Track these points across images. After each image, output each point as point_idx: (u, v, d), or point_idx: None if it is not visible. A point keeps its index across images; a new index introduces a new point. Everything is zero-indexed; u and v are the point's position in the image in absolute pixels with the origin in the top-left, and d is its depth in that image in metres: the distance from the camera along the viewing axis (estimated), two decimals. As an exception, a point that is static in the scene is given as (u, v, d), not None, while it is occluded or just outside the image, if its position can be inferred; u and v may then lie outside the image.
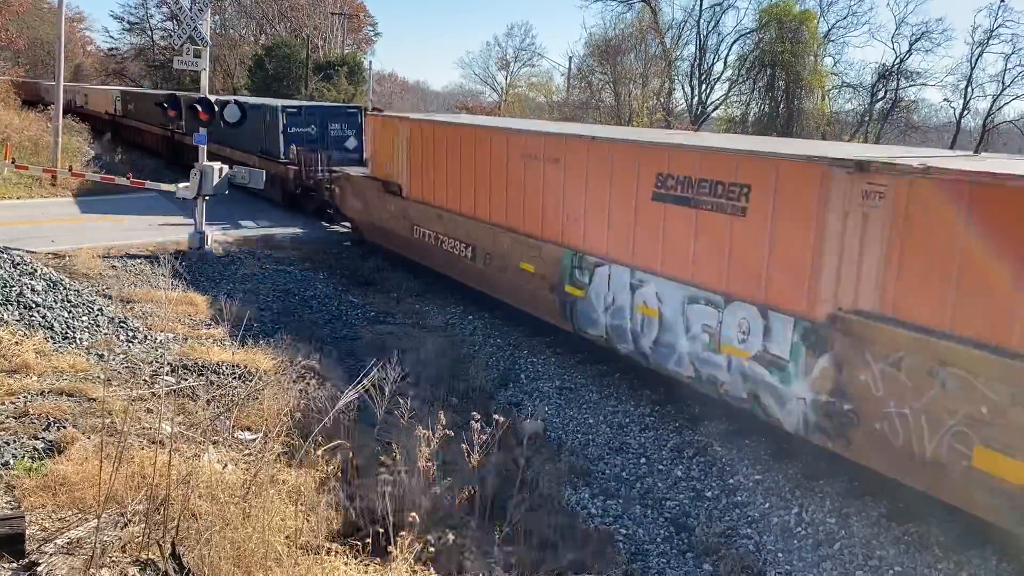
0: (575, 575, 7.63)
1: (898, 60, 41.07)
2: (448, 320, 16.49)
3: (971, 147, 39.88)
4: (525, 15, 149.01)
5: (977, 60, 39.85)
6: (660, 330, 11.41)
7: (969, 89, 40.24)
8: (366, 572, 5.93)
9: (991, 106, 40.00)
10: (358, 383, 8.40)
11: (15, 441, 7.73)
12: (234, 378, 10.64)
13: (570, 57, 65.06)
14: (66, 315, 11.72)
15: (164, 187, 20.62)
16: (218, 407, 9.24)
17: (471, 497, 7.51)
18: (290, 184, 25.23)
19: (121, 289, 15.24)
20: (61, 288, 12.62)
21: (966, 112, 41.18)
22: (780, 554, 8.72)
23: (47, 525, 6.18)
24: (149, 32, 73.75)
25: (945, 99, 51.45)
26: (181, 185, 19.56)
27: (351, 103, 40.62)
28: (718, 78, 44.42)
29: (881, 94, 41.57)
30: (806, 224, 9.24)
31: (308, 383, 10.54)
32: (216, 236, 19.98)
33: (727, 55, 43.81)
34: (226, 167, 19.61)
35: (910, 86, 41.58)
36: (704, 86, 44.52)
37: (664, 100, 44.77)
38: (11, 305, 11.36)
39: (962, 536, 8.36)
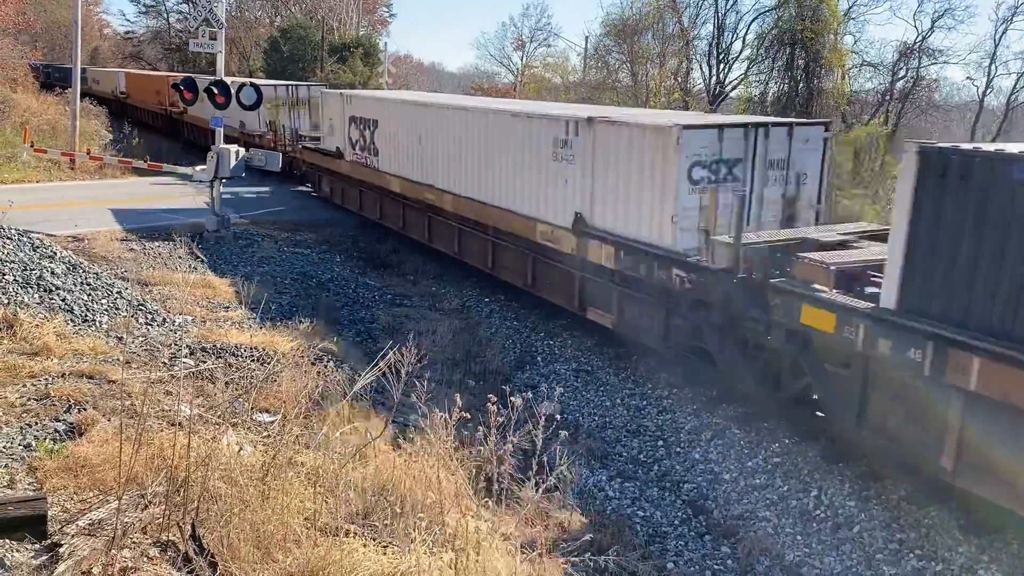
0: (594, 556, 7.63)
1: (920, 38, 40.34)
2: (464, 302, 16.48)
3: (995, 126, 39.28)
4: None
5: (1001, 37, 39.04)
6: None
7: (992, 67, 39.51)
8: (385, 554, 5.93)
9: (1015, 84, 39.28)
10: (375, 365, 8.40)
11: (37, 423, 7.79)
12: (252, 360, 10.67)
13: (586, 37, 64.60)
14: (85, 298, 11.79)
15: (181, 170, 20.68)
16: (236, 389, 9.28)
17: (487, 479, 7.50)
18: None
19: (139, 272, 15.33)
20: (80, 271, 12.69)
21: (989, 90, 40.48)
22: (799, 537, 8.68)
23: (69, 506, 6.23)
24: (165, 15, 73.63)
25: (968, 77, 50.61)
26: (198, 168, 19.61)
27: (365, 86, 40.53)
28: (736, 57, 43.82)
29: (902, 73, 40.88)
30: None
31: (326, 365, 10.57)
32: (233, 219, 20.03)
33: (745, 34, 43.21)
34: (243, 149, 19.63)
35: (932, 64, 40.82)
36: (722, 65, 43.99)
37: (682, 80, 44.32)
38: (31, 288, 11.43)
39: (983, 520, 8.28)
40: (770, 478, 9.69)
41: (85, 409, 8.13)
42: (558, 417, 11.45)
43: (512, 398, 7.45)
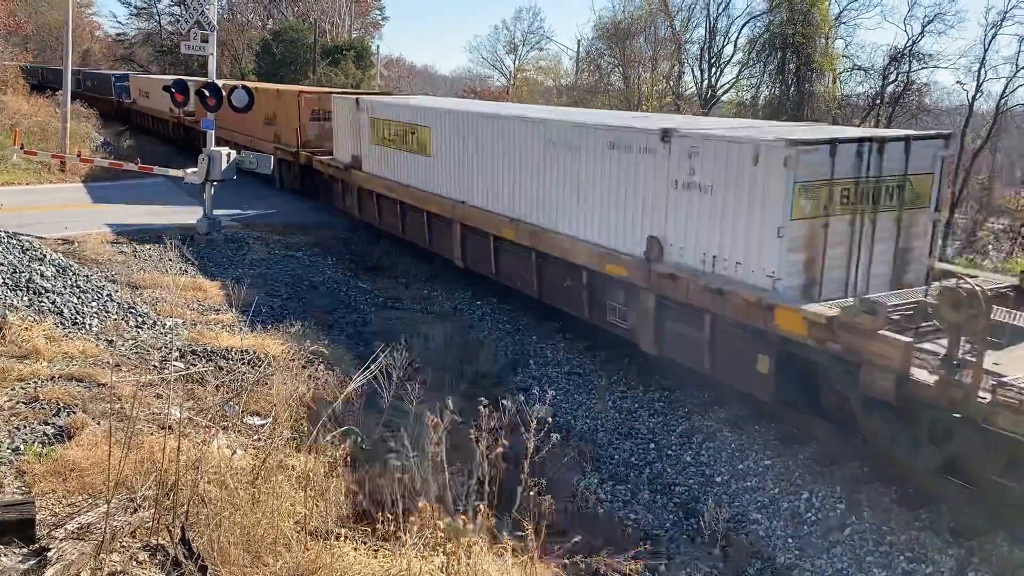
0: (585, 559, 7.62)
1: (910, 42, 40.54)
2: (456, 306, 16.46)
3: (984, 130, 39.51)
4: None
5: (991, 42, 39.24)
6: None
7: (982, 71, 39.71)
8: (376, 557, 5.92)
9: (1004, 88, 39.51)
10: (366, 368, 8.39)
11: (25, 426, 7.75)
12: (243, 363, 10.64)
13: (579, 40, 64.80)
14: (75, 301, 11.73)
15: (172, 172, 20.60)
16: (227, 392, 9.25)
17: (479, 483, 7.49)
18: None
19: (130, 275, 15.26)
20: (70, 274, 12.64)
21: (979, 95, 40.71)
22: (790, 539, 8.69)
23: (57, 510, 6.20)
24: (156, 17, 73.54)
25: (958, 82, 50.92)
26: (189, 170, 19.53)
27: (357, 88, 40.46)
28: (728, 61, 44.03)
29: (893, 77, 41.08)
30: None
31: (317, 368, 10.55)
32: (225, 222, 19.96)
33: (737, 38, 43.41)
34: (233, 152, 19.57)
35: (922, 69, 41.05)
36: (714, 69, 44.16)
37: (673, 84, 44.46)
38: (21, 291, 11.38)
39: (973, 522, 8.32)
40: (761, 481, 9.70)
41: (74, 412, 8.09)
42: (550, 420, 11.46)
43: (504, 401, 7.45)
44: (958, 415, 7.90)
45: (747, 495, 9.52)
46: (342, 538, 6.05)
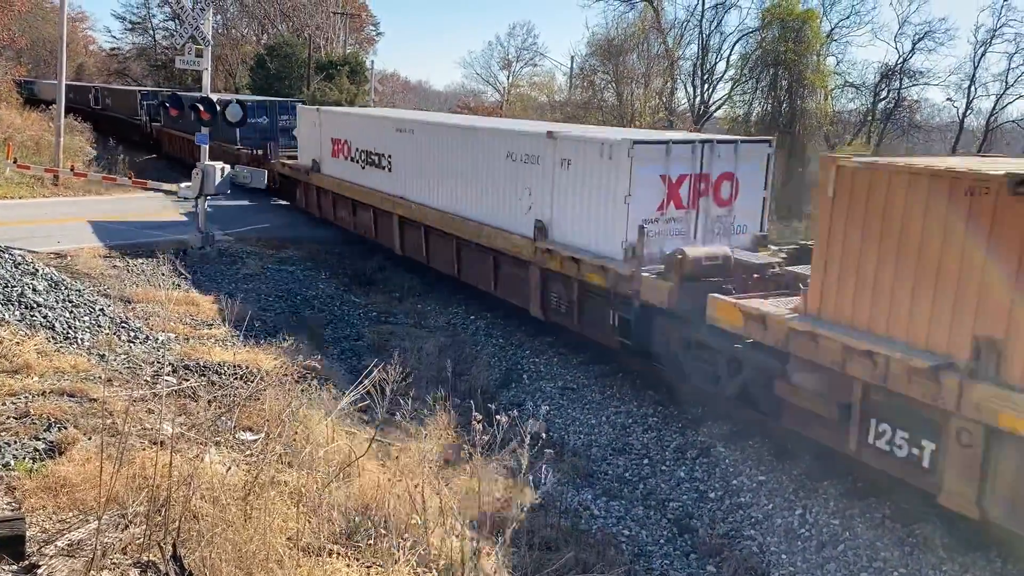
0: (579, 575, 7.60)
1: (901, 60, 40.90)
2: (450, 320, 16.45)
3: (974, 146, 39.80)
4: (527, 15, 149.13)
5: (980, 59, 39.66)
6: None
7: (972, 88, 40.09)
8: (368, 574, 5.89)
9: (994, 105, 39.87)
10: (359, 383, 8.37)
11: (16, 442, 7.69)
12: (235, 378, 10.60)
13: (572, 57, 65.36)
14: (67, 315, 11.68)
15: (166, 187, 20.62)
16: (219, 408, 9.21)
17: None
18: None
19: (122, 289, 15.21)
20: (62, 288, 12.59)
21: (969, 112, 41.04)
22: (784, 555, 8.68)
23: (48, 527, 6.14)
24: (151, 32, 73.62)
25: (948, 99, 51.16)
26: (183, 185, 19.55)
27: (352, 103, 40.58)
28: (720, 78, 44.30)
29: (884, 94, 41.40)
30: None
31: (310, 383, 10.51)
32: (218, 235, 19.94)
33: (729, 55, 43.71)
34: (228, 166, 19.58)
35: (913, 86, 41.43)
36: (706, 86, 44.41)
37: (666, 100, 44.67)
38: (12, 305, 11.33)
39: (966, 538, 8.32)
40: (755, 496, 9.69)
41: (66, 428, 8.03)
42: (543, 435, 11.44)
43: (498, 416, 7.43)
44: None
45: (741, 511, 9.50)
46: (335, 555, 6.01)
